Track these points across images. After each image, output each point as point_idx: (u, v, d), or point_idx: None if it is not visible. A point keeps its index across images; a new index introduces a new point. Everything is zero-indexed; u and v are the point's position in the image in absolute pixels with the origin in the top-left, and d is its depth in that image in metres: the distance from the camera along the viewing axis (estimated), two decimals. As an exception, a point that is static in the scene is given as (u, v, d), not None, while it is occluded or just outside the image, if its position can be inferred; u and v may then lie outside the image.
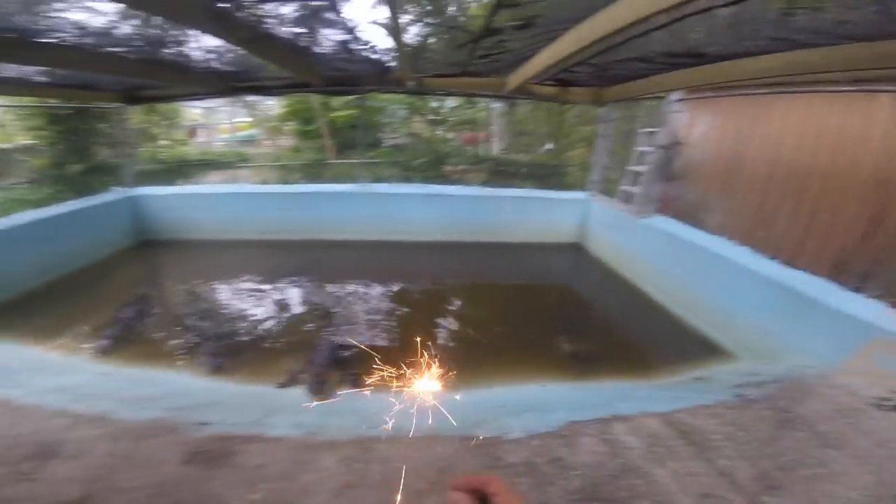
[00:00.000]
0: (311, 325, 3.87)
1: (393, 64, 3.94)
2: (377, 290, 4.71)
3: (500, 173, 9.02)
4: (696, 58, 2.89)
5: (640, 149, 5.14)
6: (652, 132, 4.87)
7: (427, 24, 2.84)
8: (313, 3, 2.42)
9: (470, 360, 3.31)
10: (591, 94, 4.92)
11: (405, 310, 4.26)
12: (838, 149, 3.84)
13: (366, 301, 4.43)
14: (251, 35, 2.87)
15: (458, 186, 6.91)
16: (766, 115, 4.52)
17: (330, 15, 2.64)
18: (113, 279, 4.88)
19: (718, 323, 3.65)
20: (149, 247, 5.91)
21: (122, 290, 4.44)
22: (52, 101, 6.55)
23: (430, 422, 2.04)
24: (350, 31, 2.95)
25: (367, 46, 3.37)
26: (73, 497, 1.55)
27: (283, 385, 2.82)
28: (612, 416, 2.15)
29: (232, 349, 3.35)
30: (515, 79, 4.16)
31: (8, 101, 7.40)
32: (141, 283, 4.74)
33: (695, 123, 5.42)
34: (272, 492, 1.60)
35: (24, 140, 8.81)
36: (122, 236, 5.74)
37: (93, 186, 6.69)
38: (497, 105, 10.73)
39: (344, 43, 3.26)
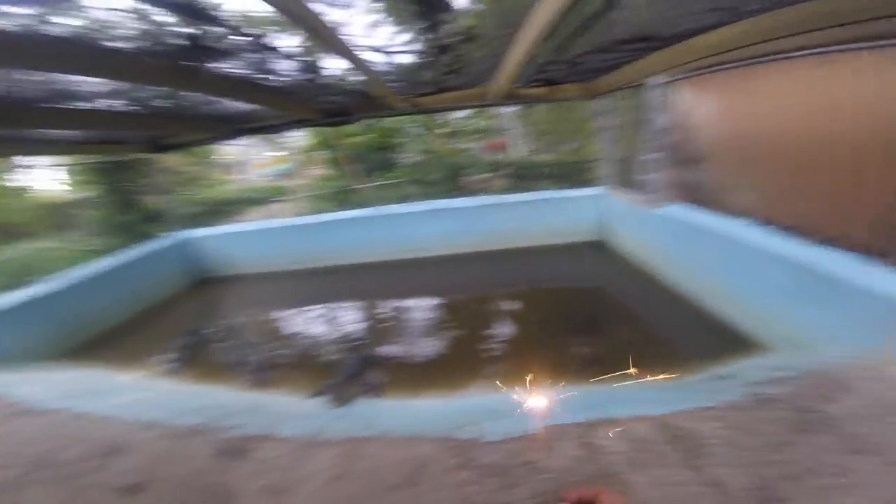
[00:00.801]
0: (341, 342, 4.24)
1: (372, 91, 4.10)
2: (396, 305, 4.97)
3: (523, 177, 8.91)
4: (649, 41, 2.78)
5: (647, 136, 4.93)
6: (651, 119, 4.66)
7: (384, 52, 2.95)
8: (261, 54, 2.62)
9: (478, 366, 3.41)
10: (581, 90, 4.81)
11: (423, 323, 4.47)
12: (851, 113, 3.47)
13: (388, 317, 4.74)
14: (231, 85, 3.15)
15: (467, 198, 6.94)
16: (769, 86, 4.19)
17: (297, 58, 2.84)
18: (175, 313, 5.57)
19: (748, 312, 3.34)
20: (201, 284, 6.60)
21: (183, 321, 5.19)
22: (95, 157, 7.37)
23: (417, 425, 2.16)
24: (316, 69, 3.14)
25: (340, 80, 3.55)
26: (130, 482, 2.02)
27: (313, 396, 3.07)
28: (600, 420, 2.07)
29: (272, 366, 3.81)
30: (497, 86, 4.18)
31: (58, 160, 8.42)
32: (198, 315, 5.43)
33: (698, 104, 5.12)
34: (275, 480, 1.94)
35: (79, 194, 10.07)
36: (176, 276, 6.40)
37: (145, 233, 7.47)
38: (509, 109, 10.67)
39: (318, 80, 3.46)
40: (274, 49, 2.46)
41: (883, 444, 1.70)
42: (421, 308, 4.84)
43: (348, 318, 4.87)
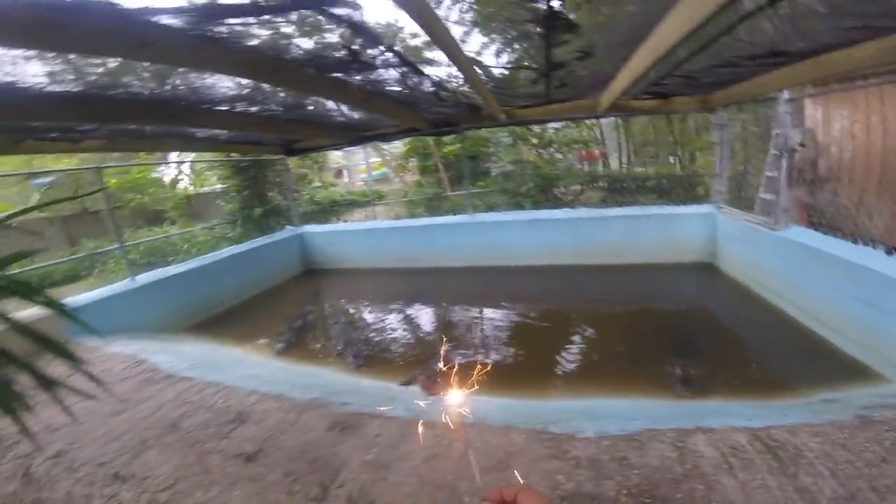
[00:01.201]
0: (430, 338, 4.52)
1: (480, 103, 4.36)
2: (488, 312, 5.08)
3: (620, 190, 8.57)
4: (781, 56, 2.60)
5: (773, 152, 4.52)
6: (779, 134, 4.26)
7: (498, 67, 3.17)
8: (402, 68, 2.98)
9: (568, 375, 3.46)
10: (697, 102, 4.57)
11: (513, 329, 4.56)
12: None
13: (477, 321, 4.88)
14: (364, 96, 3.59)
15: (565, 210, 6.87)
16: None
17: (418, 73, 3.18)
18: (286, 299, 6.33)
19: (867, 343, 3.01)
20: (312, 274, 7.49)
21: (293, 307, 5.77)
22: (234, 155, 8.43)
23: (514, 414, 2.28)
24: (433, 81, 3.46)
25: (452, 91, 3.86)
26: (249, 450, 2.20)
27: (404, 384, 3.38)
28: (695, 428, 2.06)
29: (370, 353, 4.15)
30: (606, 98, 4.18)
31: (201, 155, 9.92)
32: (306, 302, 6.04)
33: (831, 121, 4.58)
34: (381, 455, 2.09)
35: (218, 186, 11.83)
36: (292, 266, 7.37)
37: (270, 225, 8.63)
38: (608, 119, 10.30)
39: (434, 93, 3.80)
40: (411, 63, 2.79)
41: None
42: (513, 314, 4.90)
43: (440, 316, 5.12)
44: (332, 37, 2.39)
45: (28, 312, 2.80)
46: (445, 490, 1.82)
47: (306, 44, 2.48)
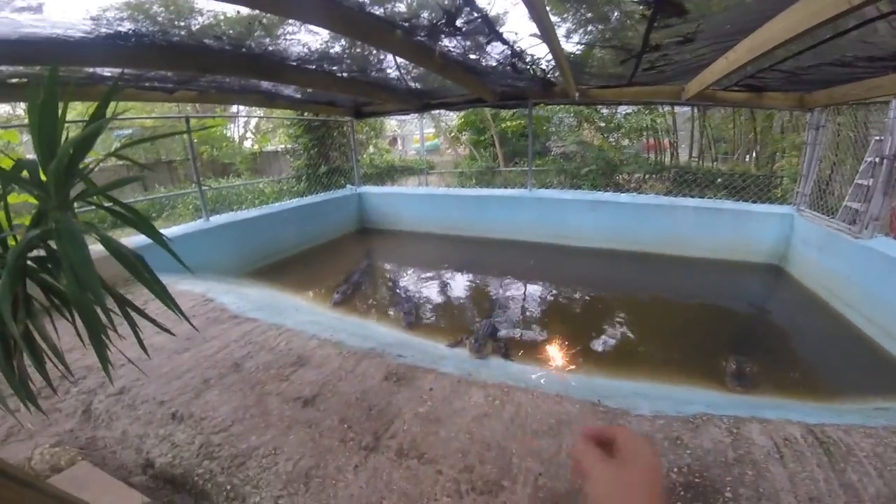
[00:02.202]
0: (478, 305, 4.61)
1: (557, 78, 4.31)
2: (539, 288, 5.11)
3: (688, 182, 8.21)
4: None
5: (868, 159, 4.21)
6: (881, 140, 3.95)
7: (585, 44, 3.14)
8: (480, 37, 3.02)
9: (620, 359, 3.49)
10: (793, 99, 4.28)
11: (565, 307, 4.60)
12: None
13: (527, 295, 4.93)
14: (444, 63, 3.67)
15: (631, 195, 6.67)
16: None
17: (504, 42, 3.20)
18: (342, 254, 6.68)
19: None
20: (366, 233, 7.85)
21: (349, 261, 6.08)
22: (307, 115, 8.76)
23: (567, 387, 2.34)
24: (514, 51, 3.46)
25: (530, 64, 3.84)
26: (307, 394, 2.21)
27: (452, 345, 3.53)
28: (751, 417, 2.09)
29: (420, 313, 4.26)
30: (694, 86, 4.03)
31: (267, 112, 10.26)
32: (361, 258, 6.35)
33: None
34: (433, 409, 2.12)
35: (285, 144, 12.42)
36: (349, 223, 7.76)
37: (333, 183, 9.06)
38: (683, 109, 9.73)
39: (509, 62, 3.80)
40: (497, 32, 2.83)
41: None
42: (567, 293, 4.93)
43: (490, 286, 5.21)
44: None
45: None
46: (494, 450, 1.84)
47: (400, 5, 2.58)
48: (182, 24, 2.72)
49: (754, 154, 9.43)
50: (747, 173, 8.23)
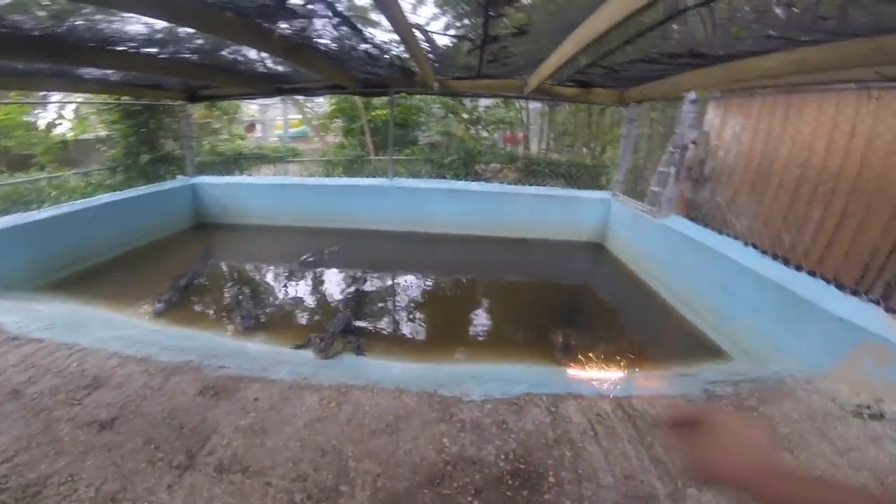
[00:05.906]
0: (333, 301, 4.33)
1: (415, 68, 4.23)
2: (397, 276, 5.10)
3: (534, 172, 9.07)
4: (699, 58, 2.93)
5: (670, 149, 5.11)
6: (678, 133, 4.84)
7: (432, 31, 3.09)
8: (335, 20, 2.76)
9: (465, 341, 3.65)
10: (613, 96, 4.96)
11: (418, 294, 4.66)
12: (869, 152, 3.70)
13: (385, 286, 4.86)
14: (288, 45, 3.27)
15: (482, 183, 7.09)
16: (796, 116, 4.38)
17: (352, 28, 2.97)
18: (171, 255, 5.59)
19: (719, 325, 3.63)
20: (204, 229, 6.70)
21: (178, 264, 5.07)
22: (126, 98, 7.43)
23: (402, 381, 2.29)
24: (370, 41, 3.28)
25: (388, 54, 3.69)
26: (104, 417, 2.00)
27: (299, 347, 3.18)
28: (567, 394, 2.29)
29: (263, 316, 3.85)
30: (534, 80, 4.33)
31: (88, 97, 8.48)
32: (194, 259, 5.36)
33: (726, 125, 5.29)
34: (258, 419, 1.98)
35: (101, 132, 10.14)
36: (182, 219, 6.53)
37: (160, 174, 7.59)
38: (536, 105, 10.75)
39: (366, 51, 3.60)
40: (342, 16, 2.59)
41: (803, 444, 2.00)
42: (420, 281, 5.01)
43: (344, 280, 4.97)
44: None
45: None
46: (329, 454, 1.79)
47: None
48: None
49: (591, 146, 10.91)
50: (582, 163, 9.50)
